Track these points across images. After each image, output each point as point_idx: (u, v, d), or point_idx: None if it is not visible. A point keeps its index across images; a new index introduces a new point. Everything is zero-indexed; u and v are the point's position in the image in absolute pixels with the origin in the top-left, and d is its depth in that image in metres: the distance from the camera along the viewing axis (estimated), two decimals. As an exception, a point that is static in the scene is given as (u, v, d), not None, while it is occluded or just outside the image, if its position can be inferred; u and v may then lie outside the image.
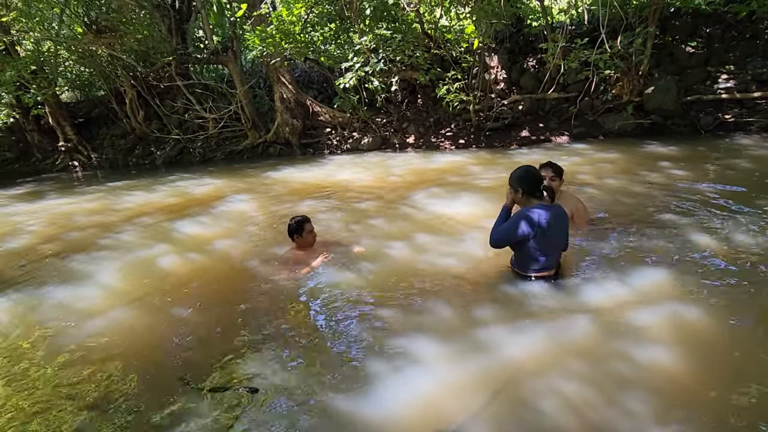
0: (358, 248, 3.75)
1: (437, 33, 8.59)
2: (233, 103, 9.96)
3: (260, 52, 8.68)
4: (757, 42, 7.96)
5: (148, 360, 2.60)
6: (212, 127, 10.31)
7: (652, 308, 2.55)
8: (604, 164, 6.06)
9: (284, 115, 9.74)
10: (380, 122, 9.75)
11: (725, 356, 2.18)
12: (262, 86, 10.81)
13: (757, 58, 7.77)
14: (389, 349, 2.47)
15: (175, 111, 10.71)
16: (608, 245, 3.37)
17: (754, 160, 5.63)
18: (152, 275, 3.78)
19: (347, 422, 2.00)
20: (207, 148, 10.59)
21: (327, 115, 10.06)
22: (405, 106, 9.92)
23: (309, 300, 3.12)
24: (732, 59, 7.97)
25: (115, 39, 9.54)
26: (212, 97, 10.33)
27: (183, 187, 7.36)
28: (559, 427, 1.86)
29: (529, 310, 2.65)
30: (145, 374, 2.47)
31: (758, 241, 3.26)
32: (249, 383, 2.28)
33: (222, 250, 4.19)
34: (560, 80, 8.35)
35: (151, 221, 5.43)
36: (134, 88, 10.48)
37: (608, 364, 2.18)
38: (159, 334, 2.87)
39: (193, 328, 2.88)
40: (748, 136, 7.05)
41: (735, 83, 7.70)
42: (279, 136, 10.00)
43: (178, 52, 9.84)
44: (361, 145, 9.43)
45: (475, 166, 6.85)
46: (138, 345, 2.76)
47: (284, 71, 9.75)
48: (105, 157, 11.43)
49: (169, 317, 3.04)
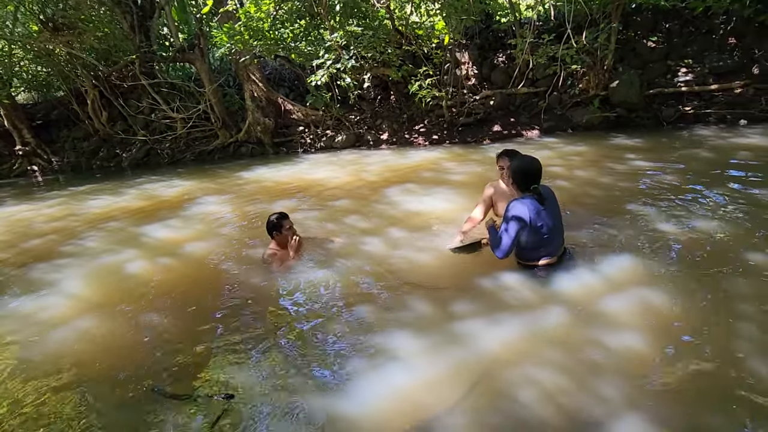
0: (337, 240, 3.76)
1: (408, 29, 8.60)
2: (202, 102, 9.70)
3: (228, 50, 8.47)
4: (713, 37, 8.32)
5: (119, 370, 2.50)
6: (180, 127, 10.02)
7: (621, 295, 2.63)
8: (573, 157, 6.21)
9: (255, 114, 9.56)
10: (354, 120, 9.70)
11: (689, 338, 2.27)
12: (231, 84, 10.56)
13: (713, 53, 8.12)
14: (367, 346, 2.46)
15: (140, 111, 10.34)
16: (579, 235, 3.45)
17: (713, 150, 5.89)
18: (120, 282, 3.64)
19: (327, 422, 1.97)
20: (175, 148, 10.28)
21: (300, 113, 9.93)
22: (378, 103, 9.89)
23: (285, 300, 3.07)
24: (690, 53, 8.31)
25: (74, 37, 9.11)
26: (180, 97, 10.02)
27: (151, 190, 7.12)
28: (535, 415, 1.89)
29: (503, 302, 2.69)
30: (115, 386, 2.38)
31: (718, 227, 3.41)
32: (224, 389, 2.23)
33: (194, 253, 4.07)
34: (529, 75, 8.50)
35: (117, 226, 5.23)
36: (96, 88, 10.06)
37: (581, 352, 2.23)
38: (129, 342, 2.76)
39: (164, 335, 2.79)
40: (707, 127, 7.37)
41: (693, 77, 8.03)
42: (251, 135, 9.81)
43: (142, 50, 9.50)
44: (335, 143, 9.36)
45: (449, 162, 6.90)
46: (107, 355, 2.65)
47: (254, 69, 9.55)
48: (67, 161, 10.94)
49: (140, 324, 2.93)
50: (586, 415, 1.87)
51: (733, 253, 3.00)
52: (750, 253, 2.98)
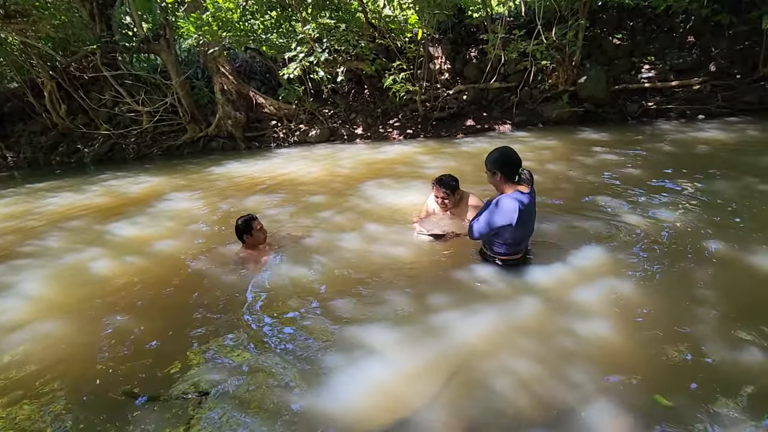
0: (312, 236, 3.71)
1: (381, 23, 8.55)
2: (169, 95, 9.36)
3: (196, 41, 8.20)
4: (674, 35, 8.68)
5: (87, 374, 2.40)
6: (147, 121, 9.65)
7: (590, 285, 2.72)
8: (544, 151, 6.36)
9: (226, 108, 9.31)
10: (327, 114, 9.60)
11: (653, 324, 2.38)
12: (200, 77, 10.23)
13: (674, 50, 8.47)
14: (344, 341, 2.45)
15: (102, 104, 9.89)
16: (551, 228, 3.55)
17: (674, 144, 6.16)
18: (85, 282, 3.49)
19: (305, 418, 1.96)
20: (142, 143, 9.90)
21: (272, 107, 9.74)
22: (352, 97, 9.82)
23: (259, 298, 3.02)
24: (653, 51, 8.64)
25: (28, 25, 8.59)
26: (145, 89, 9.63)
27: (116, 186, 6.84)
28: (510, 404, 1.94)
29: (479, 294, 2.74)
30: (83, 391, 2.28)
31: (679, 217, 3.58)
32: (198, 388, 2.18)
33: (163, 252, 3.94)
34: (501, 70, 8.64)
35: (80, 224, 5.00)
36: (53, 80, 9.54)
37: (553, 340, 2.30)
38: (96, 345, 2.65)
39: (134, 336, 2.70)
40: (668, 122, 7.70)
41: (656, 73, 8.36)
42: (221, 129, 9.55)
43: (103, 40, 9.06)
44: (309, 138, 9.24)
45: (423, 156, 6.93)
46: (73, 359, 2.54)
47: (224, 61, 9.29)
48: (23, 156, 10.36)
49: (107, 326, 2.82)
50: (558, 401, 1.93)
51: (693, 242, 3.16)
52: (707, 241, 3.14)
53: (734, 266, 2.84)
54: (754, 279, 2.71)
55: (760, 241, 3.07)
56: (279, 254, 3.46)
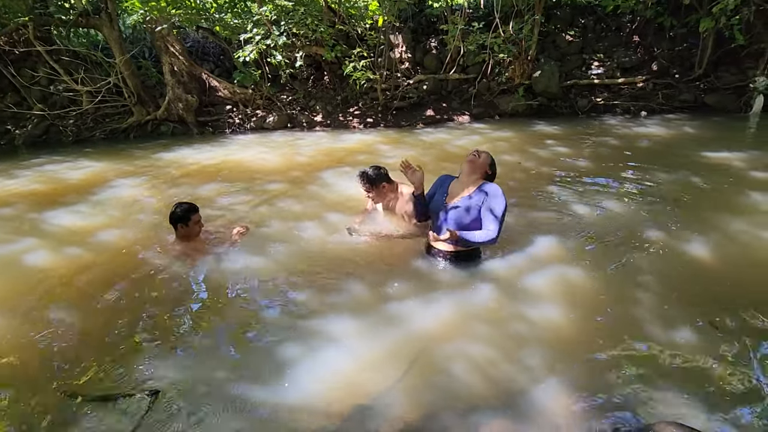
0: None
1: (341, 8, 8.38)
2: (112, 74, 8.72)
3: (142, 17, 7.68)
4: (621, 34, 9.13)
5: (23, 375, 2.23)
6: (87, 102, 8.95)
7: (543, 272, 2.84)
8: (500, 143, 6.54)
9: (176, 90, 8.82)
10: (285, 100, 9.33)
11: (599, 308, 2.53)
12: (147, 56, 9.61)
13: (621, 49, 8.93)
14: (303, 331, 2.42)
15: (36, 82, 9.07)
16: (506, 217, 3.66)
17: (619, 138, 6.53)
18: (18, 275, 3.22)
19: (263, 411, 1.93)
20: (82, 125, 9.18)
21: (227, 91, 9.33)
22: (311, 84, 9.60)
23: (212, 289, 2.92)
24: (602, 48, 9.06)
25: (-55, -10, 7.68)
26: (84, 67, 8.91)
27: (53, 172, 6.32)
28: (467, 386, 2.00)
29: (437, 283, 2.79)
30: (20, 392, 2.11)
31: (624, 207, 3.82)
32: (149, 386, 2.08)
33: (107, 242, 3.70)
34: (460, 62, 8.74)
35: (12, 212, 4.59)
36: (-23, 53, 8.62)
37: (508, 326, 2.39)
38: (33, 342, 2.45)
39: (75, 333, 2.52)
40: (614, 117, 8.14)
41: (604, 70, 8.78)
42: (171, 113, 9.04)
43: (36, 12, 8.27)
44: (266, 124, 8.96)
45: (383, 145, 6.93)
46: (8, 359, 2.34)
47: (173, 40, 8.76)
48: (-58, 137, 9.33)
49: (45, 322, 2.62)
50: (512, 383, 2.02)
51: (635, 231, 3.38)
52: (648, 230, 3.37)
53: (671, 253, 3.07)
54: (688, 265, 2.94)
55: (694, 230, 3.33)
56: (231, 245, 3.34)
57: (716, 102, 8.04)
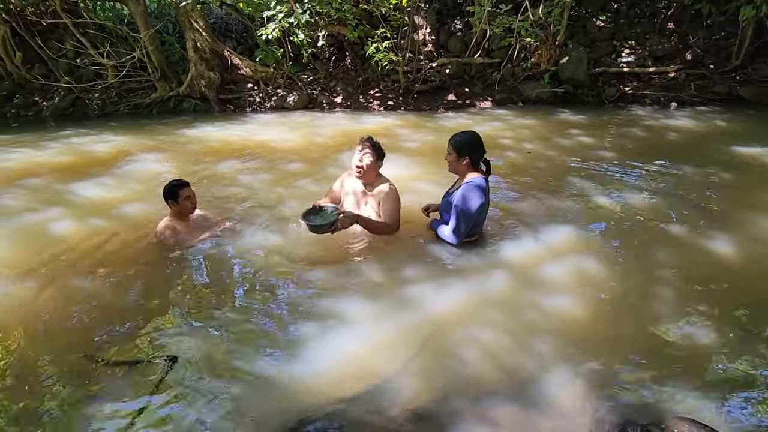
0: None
1: (365, -14, 8.23)
2: (137, 49, 8.80)
3: (167, -8, 7.67)
4: (656, 20, 8.75)
5: (47, 338, 2.33)
6: (112, 76, 9.08)
7: (559, 261, 2.81)
8: (523, 130, 6.40)
9: (199, 66, 8.86)
10: (306, 80, 9.29)
11: (614, 300, 2.49)
12: (171, 32, 9.65)
13: (654, 36, 8.56)
14: (316, 310, 2.46)
15: (63, 54, 9.22)
16: (525, 206, 3.62)
17: (647, 130, 6.32)
18: (45, 243, 3.33)
19: (276, 385, 1.97)
20: (107, 99, 9.34)
21: (248, 69, 9.33)
22: (333, 64, 9.52)
23: (230, 264, 2.98)
24: (634, 35, 8.71)
25: (-23, -40, 7.81)
26: (110, 41, 9.01)
27: (79, 144, 6.48)
28: (477, 371, 2.01)
29: (451, 268, 2.78)
30: (44, 354, 2.21)
31: (646, 201, 3.72)
32: (167, 353, 2.15)
33: (130, 215, 3.80)
34: (485, 45, 8.53)
35: (40, 183, 4.73)
36: (7, 24, 8.78)
37: (521, 314, 2.38)
38: (57, 308, 2.56)
39: (97, 300, 2.62)
40: (643, 107, 7.86)
41: (635, 58, 8.45)
42: (193, 89, 9.11)
43: (64, -16, 8.36)
44: (287, 104, 8.96)
45: (403, 129, 6.86)
46: (32, 322, 2.44)
47: (197, 16, 8.76)
48: (-26, 107, 9.62)
49: (68, 289, 2.72)
50: (522, 371, 2.02)
51: (657, 225, 3.29)
52: (670, 225, 3.29)
53: (694, 249, 2.99)
54: (711, 263, 2.86)
55: (719, 227, 3.23)
56: (254, 222, 3.38)
57: (752, 95, 7.69)
